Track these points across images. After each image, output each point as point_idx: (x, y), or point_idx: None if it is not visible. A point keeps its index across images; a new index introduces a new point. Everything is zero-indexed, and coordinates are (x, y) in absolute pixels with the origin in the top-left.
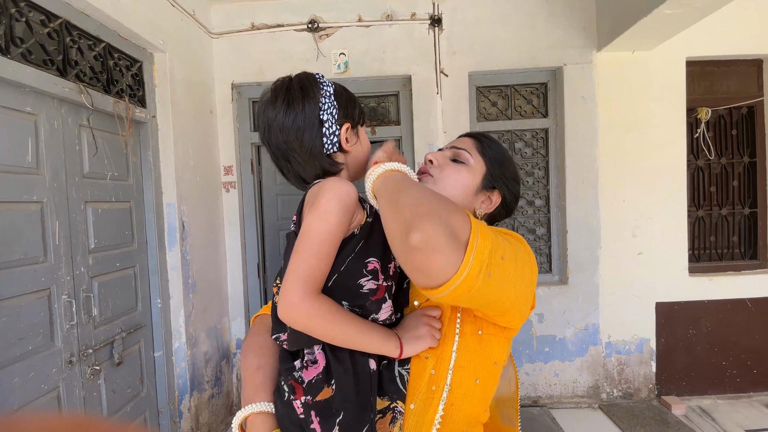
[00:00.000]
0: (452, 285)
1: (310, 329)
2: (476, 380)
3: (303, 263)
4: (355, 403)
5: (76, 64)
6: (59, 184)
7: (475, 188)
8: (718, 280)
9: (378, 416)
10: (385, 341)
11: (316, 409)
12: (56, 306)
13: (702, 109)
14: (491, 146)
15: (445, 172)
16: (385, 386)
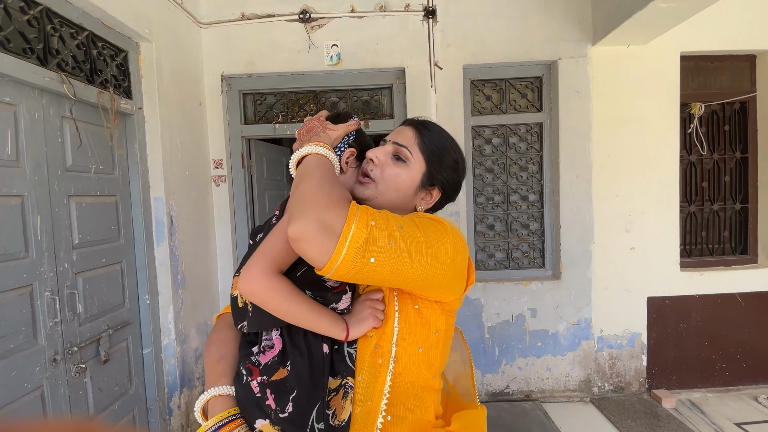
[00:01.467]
0: (330, 269)
1: (266, 302)
2: (419, 349)
3: (273, 244)
4: (308, 382)
5: (57, 53)
6: (41, 178)
7: (415, 188)
8: (708, 274)
9: (332, 394)
10: (333, 324)
11: (272, 387)
12: (39, 303)
13: (695, 104)
14: (431, 139)
15: (385, 173)
16: (336, 367)
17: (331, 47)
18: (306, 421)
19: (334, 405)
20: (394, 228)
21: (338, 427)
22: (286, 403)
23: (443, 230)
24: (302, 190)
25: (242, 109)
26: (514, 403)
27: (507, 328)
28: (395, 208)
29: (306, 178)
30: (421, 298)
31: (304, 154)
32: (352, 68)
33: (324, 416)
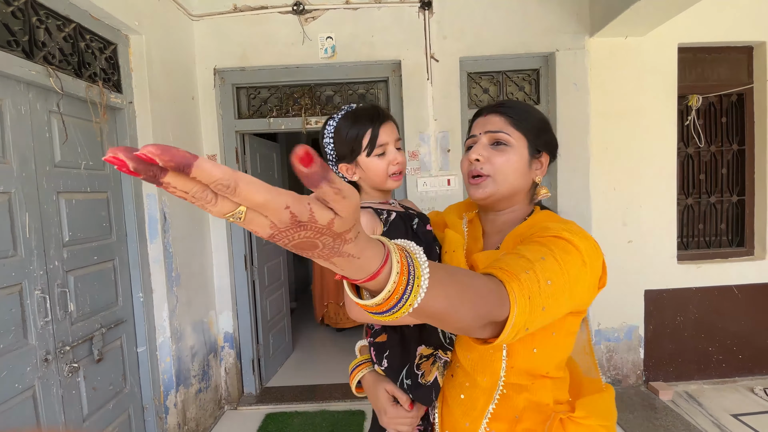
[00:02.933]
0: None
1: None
2: (533, 350)
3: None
4: (398, 347)
5: (43, 46)
6: (28, 174)
7: (526, 163)
8: (705, 267)
9: (423, 359)
10: None
11: (374, 346)
12: (29, 302)
13: (693, 96)
14: (517, 113)
15: (497, 164)
16: (428, 339)
17: (326, 40)
18: (397, 376)
19: (424, 368)
20: (544, 289)
21: (424, 384)
22: (382, 359)
23: (580, 260)
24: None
25: (236, 104)
26: None
27: None
28: (517, 189)
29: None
30: None
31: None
32: (347, 61)
33: (413, 375)
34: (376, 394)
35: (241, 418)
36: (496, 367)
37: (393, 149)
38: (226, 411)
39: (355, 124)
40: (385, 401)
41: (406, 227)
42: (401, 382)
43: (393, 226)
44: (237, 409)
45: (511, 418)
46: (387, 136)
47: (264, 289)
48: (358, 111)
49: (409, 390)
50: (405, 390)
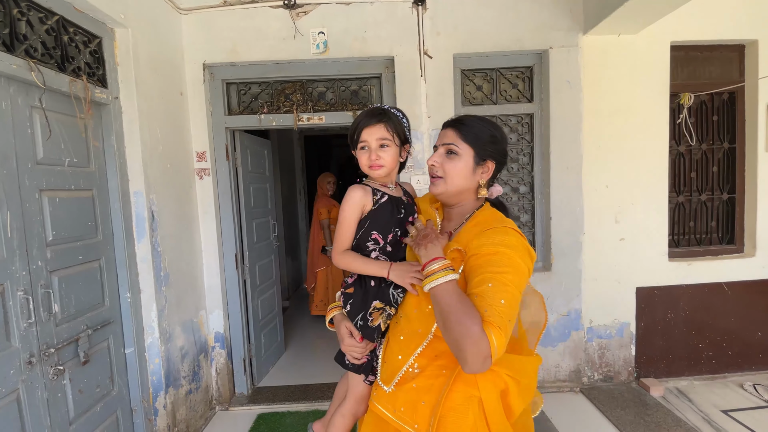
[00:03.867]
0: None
1: (342, 267)
2: None
3: (336, 237)
4: (360, 299)
5: (25, 39)
6: (9, 171)
7: (472, 168)
8: (696, 264)
9: (375, 310)
10: (380, 267)
11: (344, 295)
12: (11, 303)
13: (685, 94)
14: (468, 129)
15: (447, 168)
16: (382, 297)
17: (318, 35)
18: (354, 318)
19: (374, 316)
20: (503, 310)
21: (371, 327)
22: (347, 305)
23: (516, 262)
24: (458, 332)
25: (226, 99)
26: None
27: None
28: (463, 189)
29: (447, 312)
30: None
31: (434, 286)
32: (339, 57)
33: (365, 319)
34: (339, 328)
35: (232, 419)
36: (431, 322)
37: (375, 147)
38: (217, 412)
39: (354, 122)
40: (344, 333)
41: (392, 211)
42: (356, 323)
43: (381, 207)
44: (228, 410)
45: (432, 356)
46: (368, 135)
47: (255, 288)
48: (362, 112)
49: (360, 329)
50: (357, 329)
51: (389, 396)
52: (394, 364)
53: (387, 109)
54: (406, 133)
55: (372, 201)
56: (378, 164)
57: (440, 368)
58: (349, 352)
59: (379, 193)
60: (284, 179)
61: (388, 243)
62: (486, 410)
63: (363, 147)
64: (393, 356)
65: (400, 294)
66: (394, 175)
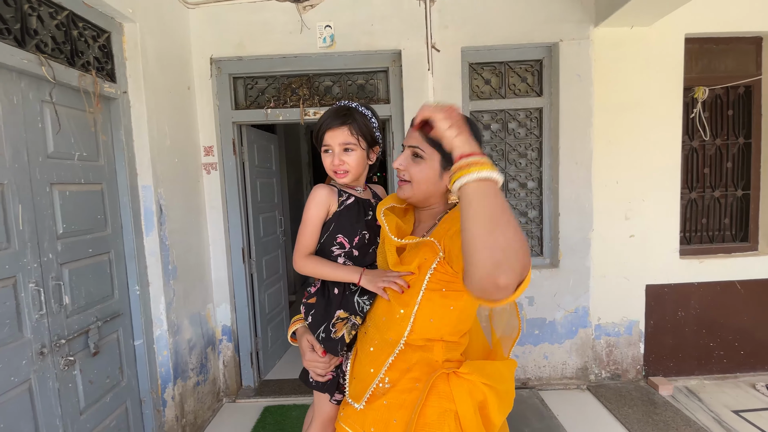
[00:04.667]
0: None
1: (305, 272)
2: (430, 320)
3: (299, 239)
4: (323, 310)
5: (36, 34)
6: (21, 165)
7: (438, 173)
8: (708, 262)
9: (338, 320)
10: (350, 273)
11: (305, 306)
12: (23, 295)
13: (699, 88)
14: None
15: (412, 173)
16: (347, 306)
17: (324, 28)
18: (316, 330)
19: (337, 327)
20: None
21: (334, 338)
22: (308, 316)
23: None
24: (506, 236)
25: (233, 94)
26: None
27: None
28: (430, 194)
29: (499, 218)
30: (450, 282)
31: (489, 178)
32: (346, 50)
33: (327, 331)
34: (301, 342)
35: (239, 411)
36: (402, 328)
37: (338, 151)
38: (224, 404)
39: (317, 122)
40: (305, 347)
41: (359, 212)
42: (318, 336)
43: (347, 210)
44: (235, 402)
45: (404, 369)
46: (331, 139)
47: (262, 282)
48: (327, 110)
49: (322, 342)
50: (319, 342)
51: (359, 414)
52: (365, 379)
53: (353, 109)
54: (375, 134)
55: (337, 202)
56: (342, 169)
57: (413, 381)
58: (311, 368)
59: (345, 194)
60: (291, 174)
61: (354, 247)
62: (463, 425)
63: (327, 150)
64: (364, 370)
65: (366, 302)
66: (362, 179)
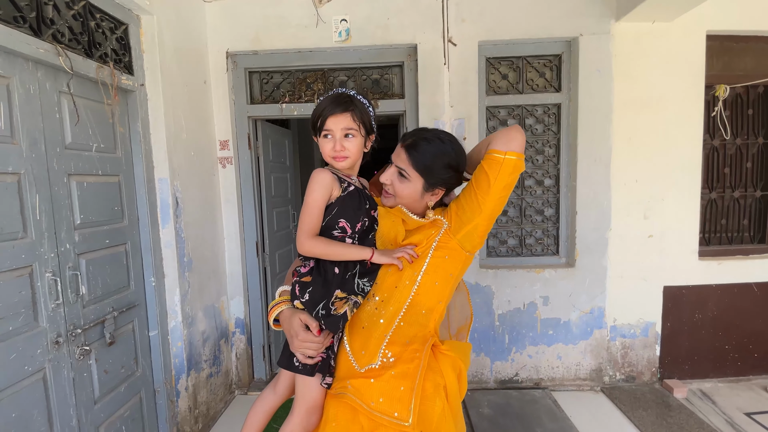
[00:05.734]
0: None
1: (313, 253)
2: (436, 283)
3: (303, 221)
4: (321, 287)
5: (52, 23)
6: (38, 155)
7: (420, 194)
8: (726, 263)
9: (337, 299)
10: (362, 251)
11: (300, 284)
12: (39, 284)
13: (720, 86)
14: (419, 159)
15: (396, 189)
16: (346, 286)
17: (340, 22)
18: (314, 308)
19: (337, 305)
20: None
21: (335, 315)
22: (304, 294)
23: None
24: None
25: (248, 88)
26: (523, 390)
27: (518, 316)
28: (412, 208)
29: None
30: (453, 249)
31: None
32: (361, 45)
33: (327, 308)
34: (291, 323)
35: (251, 403)
36: (405, 295)
37: (339, 137)
38: (236, 396)
39: (318, 107)
40: (298, 327)
41: (360, 201)
42: (317, 313)
43: (350, 196)
44: (247, 394)
45: (403, 343)
46: (333, 124)
47: (275, 276)
48: (327, 97)
49: (322, 318)
50: (318, 319)
51: (368, 386)
52: (374, 352)
53: (354, 96)
54: (372, 122)
55: (340, 187)
56: (342, 155)
57: (413, 352)
58: (302, 350)
59: (345, 181)
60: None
61: (356, 232)
62: (449, 395)
63: (327, 135)
64: (374, 340)
65: (367, 284)
66: (357, 167)
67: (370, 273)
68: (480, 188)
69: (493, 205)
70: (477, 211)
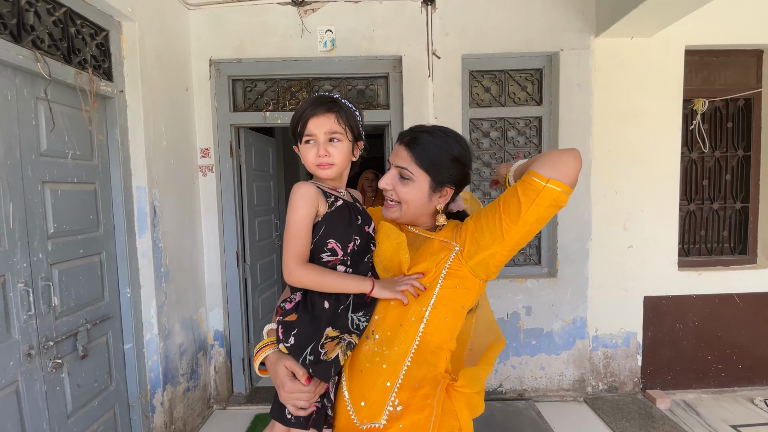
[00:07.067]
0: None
1: (304, 285)
2: (446, 318)
3: (289, 245)
4: (308, 326)
5: (32, 30)
6: (13, 162)
7: (427, 195)
8: (706, 274)
9: (328, 340)
10: (360, 282)
11: (283, 324)
12: (12, 295)
13: (699, 100)
14: (423, 153)
15: (400, 194)
16: (338, 323)
17: (325, 32)
18: (301, 353)
19: (327, 347)
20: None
21: (325, 360)
22: (289, 337)
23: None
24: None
25: (231, 96)
26: (507, 402)
27: (501, 326)
28: (419, 215)
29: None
30: (464, 278)
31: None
32: (346, 55)
33: (316, 352)
34: (276, 371)
35: (230, 418)
36: (413, 334)
37: (323, 140)
38: (214, 411)
39: (297, 111)
40: (283, 376)
41: (351, 217)
42: (304, 359)
43: (338, 212)
44: (226, 409)
45: (412, 387)
46: (316, 128)
47: (256, 287)
48: (307, 99)
49: (310, 365)
50: (306, 366)
51: None
52: (379, 401)
53: (338, 98)
54: (359, 127)
55: (326, 202)
56: (327, 162)
57: (424, 398)
58: (292, 402)
59: (331, 195)
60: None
61: (348, 254)
62: None
63: (309, 141)
64: (376, 390)
65: (362, 318)
66: (344, 178)
67: (366, 306)
68: (508, 214)
69: (519, 237)
70: (498, 239)
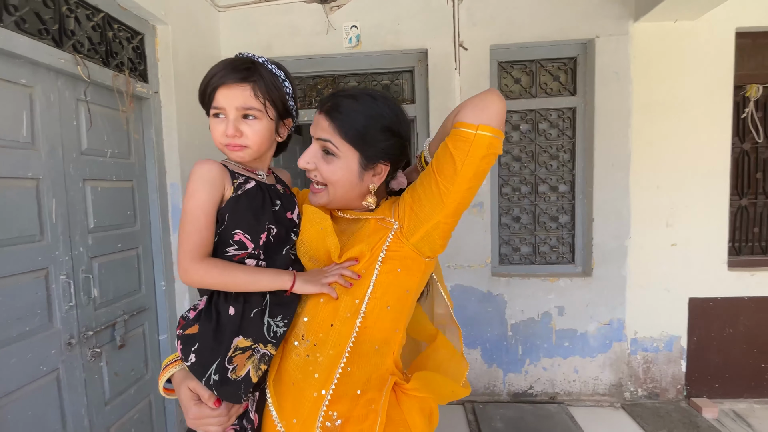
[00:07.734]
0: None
1: (206, 284)
2: (387, 307)
3: (184, 238)
4: (211, 340)
5: (72, 35)
6: (56, 161)
7: (358, 174)
8: (760, 275)
9: (238, 352)
10: (277, 277)
11: (183, 339)
12: (54, 286)
13: (752, 86)
14: (346, 122)
15: (325, 174)
16: (248, 330)
17: (351, 29)
18: (205, 372)
19: (237, 362)
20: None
21: (233, 380)
22: (189, 354)
23: None
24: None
25: None
26: (538, 405)
27: (532, 326)
28: (350, 198)
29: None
30: (407, 258)
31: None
32: (372, 50)
33: (222, 369)
34: (179, 393)
35: None
36: (346, 334)
37: (234, 117)
38: None
39: (206, 75)
40: (187, 400)
41: (263, 201)
42: (208, 379)
43: (246, 195)
44: None
45: (353, 395)
46: (225, 100)
47: None
48: (222, 61)
49: (215, 387)
50: (210, 387)
51: None
52: (310, 416)
53: (258, 63)
54: (288, 102)
55: (232, 185)
56: (237, 143)
57: (368, 404)
58: (201, 429)
59: (240, 176)
60: None
61: (260, 247)
62: None
63: (218, 114)
64: (307, 403)
65: (280, 323)
66: (266, 160)
67: (285, 307)
68: (443, 174)
69: (459, 197)
70: (439, 206)
